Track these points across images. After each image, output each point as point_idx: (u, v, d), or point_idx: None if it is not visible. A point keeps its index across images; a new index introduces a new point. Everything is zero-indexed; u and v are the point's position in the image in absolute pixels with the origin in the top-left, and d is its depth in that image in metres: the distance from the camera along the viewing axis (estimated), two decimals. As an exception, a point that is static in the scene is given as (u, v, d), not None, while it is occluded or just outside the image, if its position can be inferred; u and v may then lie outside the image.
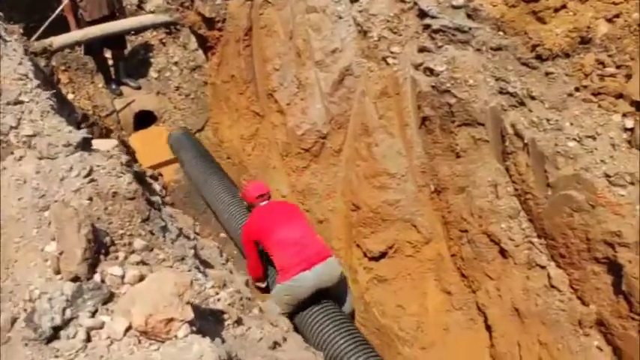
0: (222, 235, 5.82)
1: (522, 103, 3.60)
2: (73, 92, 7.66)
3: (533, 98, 3.52)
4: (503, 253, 3.77)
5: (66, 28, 6.92)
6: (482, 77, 3.89)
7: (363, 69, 4.67)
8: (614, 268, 3.10)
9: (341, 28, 4.83)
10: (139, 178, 2.65)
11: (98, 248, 1.83)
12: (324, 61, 4.89)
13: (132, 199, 2.08)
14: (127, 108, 8.00)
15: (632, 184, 3.10)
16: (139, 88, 8.26)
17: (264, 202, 4.73)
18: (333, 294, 4.36)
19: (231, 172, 6.51)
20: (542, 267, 3.53)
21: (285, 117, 5.32)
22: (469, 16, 4.00)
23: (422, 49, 4.28)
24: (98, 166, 2.10)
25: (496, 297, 3.82)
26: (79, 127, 5.39)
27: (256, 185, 4.93)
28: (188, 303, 1.59)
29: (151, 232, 2.10)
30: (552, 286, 3.46)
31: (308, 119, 5.02)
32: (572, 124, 3.33)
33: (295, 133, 5.13)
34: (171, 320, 1.54)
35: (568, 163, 3.32)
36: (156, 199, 2.58)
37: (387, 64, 4.50)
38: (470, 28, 3.96)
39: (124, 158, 2.46)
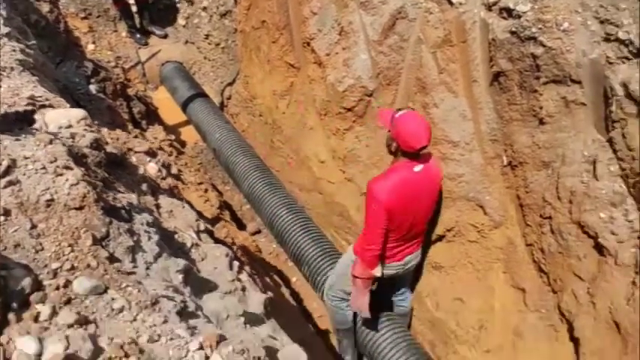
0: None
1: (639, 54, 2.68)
2: (94, 42, 6.99)
3: (657, 47, 2.60)
4: (600, 249, 2.93)
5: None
6: (580, 19, 2.96)
7: (420, 10, 3.76)
8: None
9: (392, -41, 3.91)
10: (115, 162, 1.93)
11: (5, 301, 1.12)
12: (372, 1, 4.00)
13: (79, 208, 1.36)
14: (152, 59, 7.31)
15: None
16: (165, 36, 7.56)
17: (417, 168, 3.15)
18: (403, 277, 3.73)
19: (264, 132, 5.77)
20: (657, 272, 2.69)
21: (324, 70, 4.48)
22: (563, -64, 3.03)
23: (497, -16, 3.35)
24: (26, 158, 1.38)
25: (588, 304, 3.00)
26: (88, 82, 4.73)
27: (419, 127, 3.08)
28: None
29: (110, 259, 1.38)
30: (670, 299, 2.63)
31: (351, 73, 4.17)
32: None
33: (336, 89, 4.31)
34: None
35: None
36: (139, 194, 1.86)
37: (451, 3, 3.58)
38: (565, -47, 3.01)
39: (88, 138, 1.73)
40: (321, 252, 4.31)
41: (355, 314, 3.60)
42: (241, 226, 5.20)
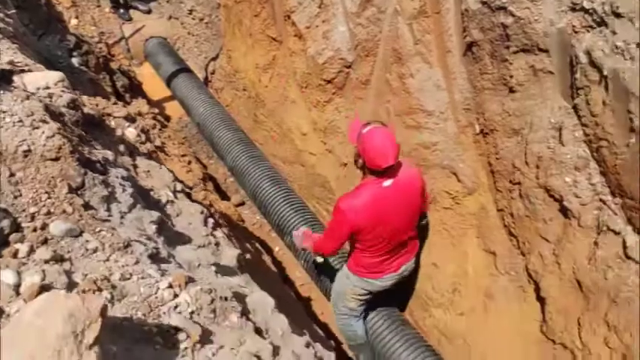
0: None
1: (603, 23, 2.77)
2: (77, 17, 6.98)
3: (619, 16, 2.69)
4: (564, 212, 3.06)
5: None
6: (548, -11, 3.06)
7: (397, -18, 3.83)
8: None
9: None
10: (92, 123, 2.01)
11: (-14, 240, 1.21)
12: (350, -27, 4.07)
13: (55, 159, 1.45)
14: (136, 34, 7.32)
15: None
16: (149, 11, 7.57)
17: (387, 183, 3.03)
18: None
19: (248, 106, 5.84)
20: (617, 233, 2.81)
21: (304, 42, 4.55)
22: None
23: (470, -45, 3.42)
24: (3, 112, 1.46)
25: (553, 264, 3.14)
26: (70, 55, 4.76)
27: (385, 145, 2.92)
28: (93, 345, 0.97)
29: (85, 206, 1.48)
30: (628, 257, 2.76)
31: (330, 45, 4.25)
32: (671, 49, 2.52)
33: (316, 62, 4.38)
34: (57, 380, 0.94)
35: (662, 101, 2.54)
36: (116, 153, 1.95)
37: (427, -25, 3.66)
38: None
39: (65, 98, 1.81)
40: (303, 222, 4.43)
41: (366, 329, 3.65)
42: (226, 199, 5.29)
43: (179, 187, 2.25)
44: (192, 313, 1.38)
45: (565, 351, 3.10)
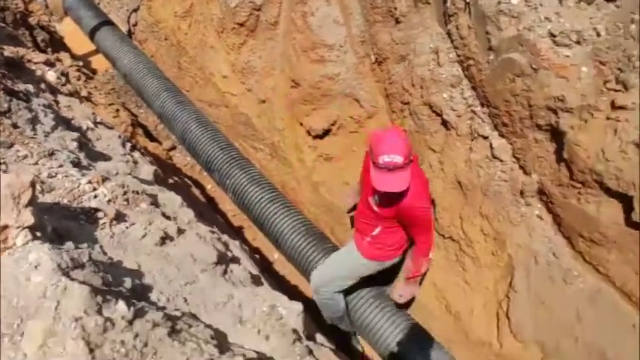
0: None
1: (463, -44, 3.21)
2: (-10, -27, 6.87)
3: (474, -51, 3.13)
4: (445, 124, 3.56)
5: None
6: None
7: None
8: (557, 136, 2.92)
9: None
10: (13, 66, 2.31)
11: None
12: None
13: (-17, 88, 1.78)
14: (54, -11, 7.29)
15: (579, 43, 2.83)
16: (65, -35, 7.48)
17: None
18: None
19: (171, 55, 6.07)
20: (485, 137, 3.34)
21: (217, -12, 4.83)
22: None
23: None
24: None
25: (439, 170, 3.67)
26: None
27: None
28: (28, 206, 1.37)
29: (14, 126, 1.82)
30: (495, 157, 3.30)
31: (240, -11, 4.55)
32: (515, -23, 2.98)
33: (228, 6, 4.67)
34: (5, 228, 1.33)
35: (511, 23, 3.01)
36: (38, 89, 2.27)
37: None
38: None
39: (-14, 41, 2.11)
40: (228, 159, 4.79)
41: (346, 301, 3.27)
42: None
43: (99, 119, 2.58)
44: (108, 200, 1.77)
45: (453, 243, 3.68)
